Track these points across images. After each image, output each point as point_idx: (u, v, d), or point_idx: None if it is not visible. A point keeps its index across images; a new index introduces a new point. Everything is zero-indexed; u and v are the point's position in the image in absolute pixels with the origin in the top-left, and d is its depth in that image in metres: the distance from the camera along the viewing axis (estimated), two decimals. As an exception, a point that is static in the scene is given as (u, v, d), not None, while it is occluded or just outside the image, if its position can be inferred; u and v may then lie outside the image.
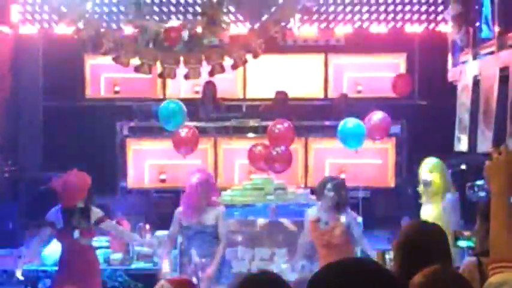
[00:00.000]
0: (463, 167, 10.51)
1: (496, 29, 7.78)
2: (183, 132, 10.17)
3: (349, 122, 9.92)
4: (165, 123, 10.32)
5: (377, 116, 10.05)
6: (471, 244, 5.43)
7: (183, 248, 8.58)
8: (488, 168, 3.16)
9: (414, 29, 12.41)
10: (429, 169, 7.99)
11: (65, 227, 8.04)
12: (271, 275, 3.48)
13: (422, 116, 12.70)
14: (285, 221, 9.57)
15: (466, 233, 5.81)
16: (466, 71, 8.88)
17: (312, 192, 10.43)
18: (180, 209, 8.39)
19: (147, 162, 12.24)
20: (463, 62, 9.10)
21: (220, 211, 8.35)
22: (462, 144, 8.87)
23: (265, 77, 13.15)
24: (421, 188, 8.15)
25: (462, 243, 5.93)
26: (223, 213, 8.39)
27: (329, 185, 7.95)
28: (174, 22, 10.37)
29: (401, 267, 4.10)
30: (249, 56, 9.40)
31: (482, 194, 9.77)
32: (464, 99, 8.87)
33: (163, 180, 12.18)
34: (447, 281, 3.16)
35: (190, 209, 8.22)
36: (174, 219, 8.38)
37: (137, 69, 9.27)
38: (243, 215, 9.88)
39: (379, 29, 12.44)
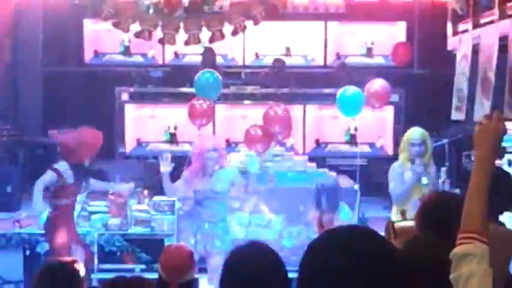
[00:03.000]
0: (460, 136, 10.54)
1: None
2: (198, 104, 9.96)
3: (348, 90, 9.90)
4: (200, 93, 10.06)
5: (377, 83, 10.01)
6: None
7: (186, 211, 8.61)
8: (476, 133, 3.10)
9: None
10: (422, 139, 7.94)
11: (75, 183, 8.10)
12: (260, 245, 3.51)
13: (421, 84, 12.73)
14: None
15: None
16: (466, 40, 8.86)
17: (310, 159, 10.49)
18: (189, 170, 8.34)
19: (145, 127, 12.28)
20: (463, 31, 9.09)
21: (233, 174, 8.38)
22: (460, 113, 8.88)
23: (264, 44, 13.13)
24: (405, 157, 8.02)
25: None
26: (236, 175, 8.42)
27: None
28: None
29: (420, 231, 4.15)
30: (249, 23, 9.39)
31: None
32: (463, 68, 8.86)
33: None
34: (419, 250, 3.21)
35: (202, 174, 8.21)
36: (183, 180, 8.31)
37: (137, 34, 9.26)
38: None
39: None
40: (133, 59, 13.30)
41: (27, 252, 9.34)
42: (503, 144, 3.15)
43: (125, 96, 12.55)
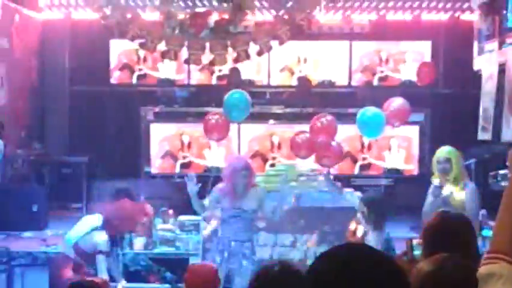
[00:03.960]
0: (486, 155, 10.47)
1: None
2: (214, 119, 10.02)
3: (368, 111, 9.88)
4: (229, 113, 10.10)
5: (396, 102, 10.00)
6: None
7: (212, 231, 8.62)
8: (510, 155, 3.09)
9: (439, 16, 12.37)
10: (445, 157, 7.94)
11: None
12: (287, 265, 3.51)
13: (447, 104, 12.66)
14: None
15: (492, 223, 5.80)
16: (492, 60, 8.84)
17: (335, 178, 10.48)
18: (219, 188, 8.36)
19: (170, 146, 12.33)
20: (489, 51, 9.06)
21: (262, 193, 8.39)
22: (486, 133, 8.84)
23: (289, 63, 13.15)
24: (437, 176, 8.05)
25: (487, 233, 5.94)
26: (264, 194, 8.42)
27: None
28: (200, 8, 10.39)
29: (426, 257, 4.17)
30: (274, 43, 9.42)
31: (505, 183, 9.77)
32: (489, 88, 8.83)
33: (186, 165, 12.28)
34: (452, 270, 3.18)
35: (233, 193, 8.21)
36: (212, 199, 8.33)
37: (163, 55, 9.31)
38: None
39: (403, 16, 12.43)
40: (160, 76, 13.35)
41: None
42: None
43: (150, 115, 12.61)
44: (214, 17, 9.19)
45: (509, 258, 2.83)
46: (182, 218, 10.18)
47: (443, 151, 7.95)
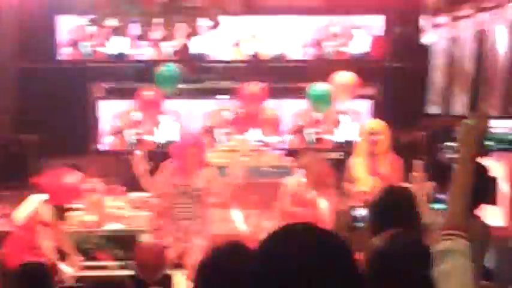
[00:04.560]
0: (435, 128, 10.55)
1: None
2: (147, 94, 9.88)
3: (316, 86, 9.85)
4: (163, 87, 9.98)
5: (343, 76, 9.99)
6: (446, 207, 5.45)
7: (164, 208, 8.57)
8: (459, 133, 3.11)
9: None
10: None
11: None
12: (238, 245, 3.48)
13: (397, 78, 12.67)
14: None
15: (441, 196, 5.85)
16: (441, 34, 8.88)
17: (286, 153, 10.48)
18: (170, 164, 8.29)
19: (121, 123, 12.21)
20: (438, 25, 9.09)
21: (213, 171, 8.34)
22: (435, 106, 8.89)
23: (239, 38, 13.05)
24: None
25: (437, 206, 5.99)
26: (215, 172, 8.38)
27: None
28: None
29: (372, 228, 4.24)
30: (223, 17, 9.33)
31: (453, 155, 9.88)
32: (439, 63, 8.87)
33: (137, 142, 12.19)
34: (404, 246, 3.20)
35: (183, 170, 8.15)
36: (162, 175, 8.27)
37: (115, 31, 9.17)
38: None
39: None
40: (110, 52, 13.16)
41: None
42: (487, 142, 3.15)
43: (99, 92, 12.46)
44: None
45: (463, 234, 2.87)
46: (132, 195, 10.12)
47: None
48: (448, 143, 9.41)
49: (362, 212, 5.26)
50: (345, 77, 9.80)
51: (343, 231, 4.63)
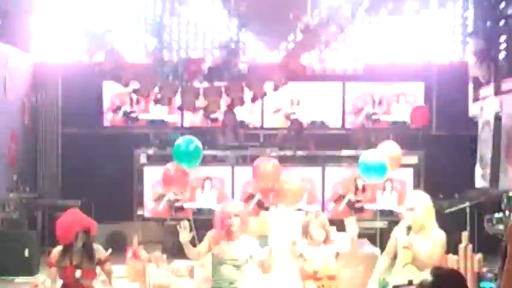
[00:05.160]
0: (482, 199, 10.46)
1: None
2: (172, 170, 9.86)
3: (371, 156, 9.77)
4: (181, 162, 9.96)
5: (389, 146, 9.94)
6: (493, 286, 5.39)
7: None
8: (510, 228, 3.06)
9: (432, 59, 12.44)
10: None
11: (64, 265, 7.94)
12: None
13: (440, 147, 12.60)
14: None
15: (490, 275, 5.78)
16: (487, 107, 8.85)
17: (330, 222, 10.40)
18: (211, 235, 8.28)
19: (163, 189, 12.24)
20: (484, 98, 9.08)
21: (255, 243, 8.29)
22: (484, 180, 8.82)
23: (282, 105, 13.14)
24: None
25: (485, 285, 5.90)
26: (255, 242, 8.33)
27: None
28: (194, 54, 10.39)
29: None
30: (267, 88, 9.42)
31: (500, 227, 9.77)
32: (485, 135, 8.83)
33: (179, 208, 12.22)
34: None
35: (224, 239, 8.14)
36: (205, 244, 8.25)
37: (157, 101, 9.28)
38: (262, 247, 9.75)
39: (396, 58, 12.52)
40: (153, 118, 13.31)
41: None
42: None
43: (143, 159, 12.56)
44: (207, 63, 9.17)
45: None
46: (176, 262, 10.07)
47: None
48: (495, 214, 9.32)
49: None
50: (391, 146, 9.75)
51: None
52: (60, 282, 8.08)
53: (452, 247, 7.98)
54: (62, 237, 7.94)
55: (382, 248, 9.67)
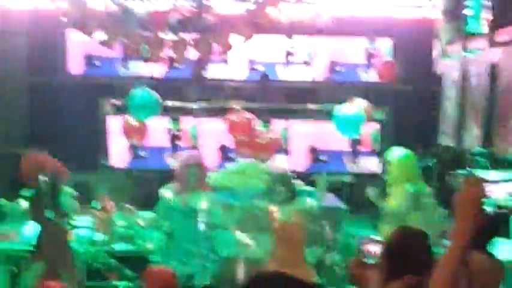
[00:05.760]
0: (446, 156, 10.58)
1: (486, 25, 7.76)
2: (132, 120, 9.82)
3: (347, 109, 9.78)
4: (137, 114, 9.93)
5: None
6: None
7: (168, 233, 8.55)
8: (456, 206, 3.01)
9: (400, 14, 12.46)
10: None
11: (36, 207, 7.99)
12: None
13: (407, 102, 12.68)
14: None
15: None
16: (454, 66, 8.89)
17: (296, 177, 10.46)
18: (168, 189, 8.30)
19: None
20: (450, 56, 9.11)
21: (214, 197, 8.33)
22: (448, 138, 8.91)
23: (249, 57, 13.09)
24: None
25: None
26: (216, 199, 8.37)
27: None
28: (161, 5, 10.25)
29: (386, 274, 4.25)
30: (233, 41, 9.35)
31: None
32: (451, 93, 8.89)
33: (143, 158, 12.22)
34: None
35: (183, 190, 8.16)
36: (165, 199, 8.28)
37: (126, 50, 9.19)
38: (225, 199, 9.79)
39: (365, 13, 12.49)
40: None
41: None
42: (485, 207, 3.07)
43: (108, 109, 12.49)
44: (175, 15, 9.07)
45: None
46: (142, 213, 10.09)
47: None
48: (459, 171, 9.42)
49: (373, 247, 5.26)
50: (361, 103, 9.80)
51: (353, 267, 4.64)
52: None
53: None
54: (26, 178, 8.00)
55: (347, 203, 9.80)
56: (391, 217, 7.90)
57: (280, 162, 11.72)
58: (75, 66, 13.09)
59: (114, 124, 12.34)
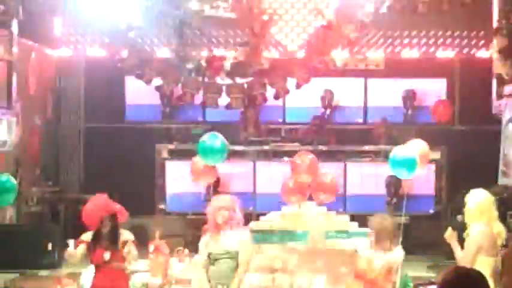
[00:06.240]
0: (505, 195, 10.40)
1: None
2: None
3: (403, 150, 9.71)
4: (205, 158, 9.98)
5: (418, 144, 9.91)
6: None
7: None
8: (504, 258, 2.99)
9: (452, 54, 12.43)
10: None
11: (94, 248, 8.07)
12: None
13: (464, 143, 12.53)
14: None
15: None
16: (511, 104, 8.82)
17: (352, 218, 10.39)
18: (204, 229, 8.34)
19: (186, 185, 12.24)
20: (508, 95, 9.04)
21: (245, 235, 8.29)
22: (507, 178, 8.80)
23: (304, 101, 13.11)
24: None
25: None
26: (247, 237, 8.33)
27: None
28: (216, 51, 10.37)
29: None
30: (289, 85, 9.41)
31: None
32: (508, 132, 8.79)
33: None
34: None
35: (213, 233, 8.17)
36: (202, 241, 8.31)
37: (180, 98, 9.30)
38: (282, 241, 9.77)
39: (418, 53, 12.49)
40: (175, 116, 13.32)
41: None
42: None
43: (165, 153, 12.58)
44: (230, 60, 9.17)
45: None
46: (197, 257, 10.09)
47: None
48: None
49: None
50: (419, 144, 9.71)
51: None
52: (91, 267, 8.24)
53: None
54: (88, 221, 8.08)
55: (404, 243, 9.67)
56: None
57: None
58: (131, 112, 13.26)
59: (171, 168, 12.41)
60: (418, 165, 9.56)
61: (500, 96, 9.39)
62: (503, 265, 5.41)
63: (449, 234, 7.89)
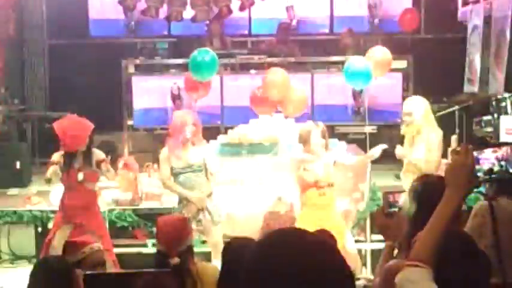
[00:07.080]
0: (470, 102, 10.48)
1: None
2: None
3: (356, 61, 9.73)
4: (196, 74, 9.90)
5: (379, 51, 9.89)
6: (482, 190, 5.44)
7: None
8: (446, 173, 3.02)
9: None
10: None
11: (67, 169, 8.02)
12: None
13: (429, 51, 12.56)
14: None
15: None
16: (477, 11, 8.77)
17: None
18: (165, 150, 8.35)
19: (152, 100, 12.19)
20: (474, 1, 9.00)
21: (210, 148, 8.37)
22: (472, 85, 8.82)
23: (270, 12, 12.98)
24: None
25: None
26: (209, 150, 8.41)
27: None
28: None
29: (413, 223, 4.23)
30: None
31: (488, 129, 9.83)
32: (474, 39, 8.78)
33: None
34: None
35: (180, 147, 8.19)
36: (163, 157, 8.33)
37: (144, 12, 9.15)
38: (251, 153, 9.75)
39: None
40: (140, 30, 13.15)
41: (39, 229, 9.37)
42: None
43: (131, 68, 12.47)
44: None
45: (427, 266, 2.87)
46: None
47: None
48: (484, 118, 9.36)
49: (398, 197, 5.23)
50: (381, 52, 9.66)
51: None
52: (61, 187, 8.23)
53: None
54: (72, 143, 7.98)
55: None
56: (415, 166, 7.86)
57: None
58: (95, 28, 13.08)
59: (138, 84, 12.31)
60: (376, 74, 9.57)
61: (465, 2, 9.34)
62: None
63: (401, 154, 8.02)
